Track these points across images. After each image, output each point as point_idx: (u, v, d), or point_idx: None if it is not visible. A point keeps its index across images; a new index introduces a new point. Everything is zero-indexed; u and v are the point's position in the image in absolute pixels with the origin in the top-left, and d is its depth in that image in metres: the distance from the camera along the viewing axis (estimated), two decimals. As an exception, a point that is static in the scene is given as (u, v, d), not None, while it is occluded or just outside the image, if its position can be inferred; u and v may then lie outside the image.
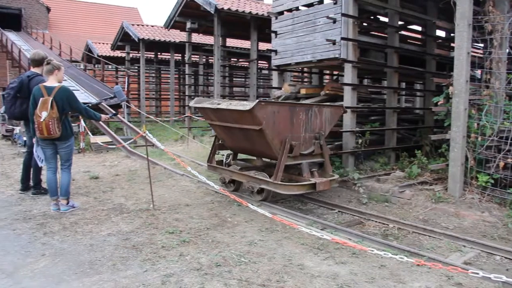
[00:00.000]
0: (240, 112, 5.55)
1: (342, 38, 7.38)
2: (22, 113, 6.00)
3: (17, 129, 12.61)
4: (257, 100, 5.45)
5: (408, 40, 9.82)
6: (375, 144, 8.29)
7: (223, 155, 7.10)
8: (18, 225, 4.83)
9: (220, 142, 6.80)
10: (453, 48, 6.65)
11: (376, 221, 5.25)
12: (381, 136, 8.49)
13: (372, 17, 9.67)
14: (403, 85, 12.10)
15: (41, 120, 5.08)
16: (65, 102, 5.27)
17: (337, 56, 7.58)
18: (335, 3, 7.57)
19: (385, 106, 8.62)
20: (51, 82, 5.35)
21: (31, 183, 6.36)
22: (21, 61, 21.07)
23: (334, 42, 7.54)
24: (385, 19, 9.04)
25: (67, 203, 5.47)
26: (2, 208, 5.55)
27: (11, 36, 27.35)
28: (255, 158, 6.89)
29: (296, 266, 3.68)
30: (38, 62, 6.10)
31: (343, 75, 8.46)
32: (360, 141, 7.54)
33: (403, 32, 9.34)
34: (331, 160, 7.53)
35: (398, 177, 6.87)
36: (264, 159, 6.69)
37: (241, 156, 7.08)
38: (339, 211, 5.75)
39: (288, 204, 6.05)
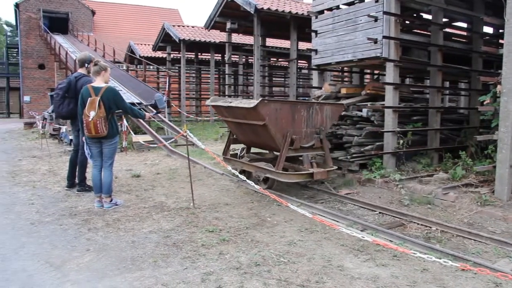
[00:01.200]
0: (247, 109, 6.21)
1: (384, 37, 7.26)
2: (70, 112, 6.26)
3: (63, 128, 13.12)
4: (260, 99, 6.18)
5: (453, 38, 9.53)
6: (417, 145, 8.10)
7: (237, 149, 7.83)
8: (64, 221, 5.04)
9: (234, 136, 7.44)
10: (501, 45, 6.40)
11: (418, 223, 5.13)
12: (424, 137, 8.28)
13: (415, 15, 9.44)
14: (447, 84, 11.75)
15: (89, 119, 5.28)
16: (111, 101, 5.47)
17: (378, 55, 7.46)
18: (376, 1, 7.45)
19: (428, 106, 8.40)
20: (98, 82, 5.56)
21: (77, 180, 6.61)
22: (68, 62, 21.91)
23: (375, 41, 7.43)
24: (429, 17, 8.81)
25: (110, 201, 5.65)
26: (50, 204, 5.81)
27: (59, 39, 28.50)
28: (267, 152, 7.50)
29: (335, 267, 3.66)
30: (82, 62, 6.42)
31: (384, 74, 8.32)
32: (401, 141, 7.39)
33: (447, 30, 9.08)
34: (372, 160, 7.45)
35: (441, 179, 6.68)
36: (275, 152, 7.24)
37: (255, 150, 7.70)
38: (380, 212, 5.65)
39: (328, 205, 6.01)
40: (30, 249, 4.15)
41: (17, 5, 33.64)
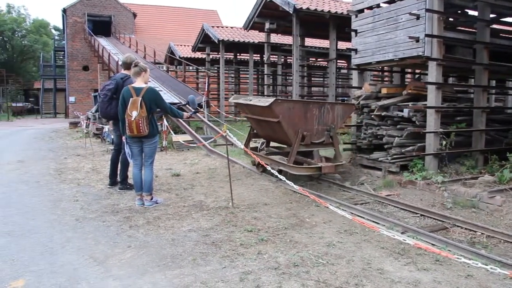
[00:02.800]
0: (263, 108, 6.89)
1: (426, 35, 7.07)
2: (117, 113, 6.32)
3: (106, 128, 13.51)
4: (275, 98, 6.92)
5: (501, 34, 9.16)
6: (461, 146, 7.84)
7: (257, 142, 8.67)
8: (107, 218, 5.19)
9: (254, 131, 8.15)
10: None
11: (462, 227, 4.97)
12: (468, 138, 8.00)
13: (459, 12, 9.15)
14: (493, 83, 11.32)
15: (132, 119, 5.40)
16: (152, 102, 5.61)
17: (420, 54, 7.28)
18: (418, -1, 7.27)
19: (473, 106, 8.12)
20: (139, 83, 5.69)
21: (118, 178, 6.79)
22: (110, 64, 22.56)
23: (417, 40, 7.25)
24: (474, 13, 8.52)
25: (151, 199, 5.77)
26: (93, 201, 6.00)
27: (102, 41, 29.39)
28: (285, 146, 7.97)
29: (375, 270, 3.60)
30: (128, 65, 6.50)
31: (426, 74, 8.11)
32: (444, 142, 7.18)
33: (495, 26, 8.74)
34: (413, 162, 7.27)
35: (487, 182, 6.43)
36: (290, 147, 7.58)
37: (275, 144, 8.36)
38: (421, 215, 5.52)
39: (368, 206, 5.91)
40: (76, 244, 4.30)
41: (64, 10, 35.03)
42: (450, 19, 8.99)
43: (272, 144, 8.42)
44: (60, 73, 41.49)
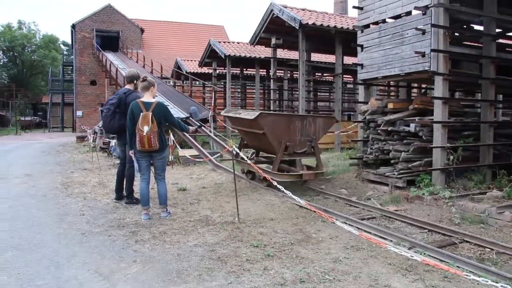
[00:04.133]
0: (250, 120, 7.46)
1: (432, 50, 7.09)
2: (120, 127, 6.39)
3: (112, 142, 13.57)
4: (259, 112, 7.54)
5: (507, 49, 9.16)
6: (468, 161, 7.78)
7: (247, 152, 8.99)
8: (113, 232, 5.19)
9: (244, 142, 8.70)
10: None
11: (471, 243, 4.90)
12: (475, 152, 7.95)
13: (465, 26, 9.18)
14: (500, 97, 11.28)
15: (144, 134, 5.46)
16: (162, 116, 5.70)
17: (426, 68, 7.29)
18: (424, 14, 7.30)
19: (480, 120, 8.08)
20: (147, 97, 5.75)
21: (124, 193, 6.79)
22: (118, 79, 22.77)
23: (423, 54, 7.27)
24: (480, 27, 8.53)
25: (166, 210, 5.87)
26: (99, 215, 6.00)
27: (110, 56, 29.73)
28: (274, 156, 8.18)
29: (382, 287, 3.56)
30: (130, 79, 6.66)
31: (432, 88, 8.10)
32: (451, 157, 7.13)
33: (501, 40, 8.74)
34: (420, 177, 7.23)
35: (496, 197, 6.37)
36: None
37: (264, 154, 8.83)
38: (429, 231, 5.46)
39: (375, 222, 5.87)
40: (81, 258, 4.30)
41: (73, 26, 35.54)
42: (456, 34, 9.00)
43: (262, 154, 9.00)
44: (68, 87, 41.96)
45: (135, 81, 6.53)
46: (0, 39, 53.69)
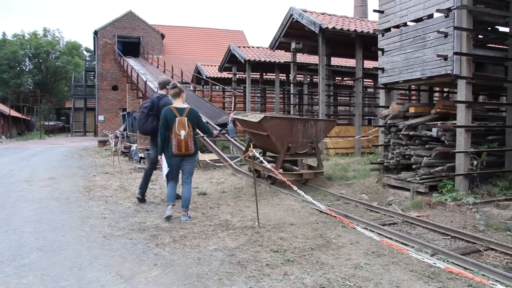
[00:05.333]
0: (255, 123, 8.03)
1: (455, 53, 6.97)
2: (153, 129, 6.72)
3: (133, 146, 13.73)
4: (264, 115, 8.11)
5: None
6: (493, 166, 7.62)
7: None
8: (134, 235, 5.24)
9: (252, 142, 9.07)
10: None
11: (496, 251, 4.78)
12: (501, 157, 7.78)
13: (489, 28, 9.01)
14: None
15: (181, 138, 5.72)
16: (194, 121, 5.97)
17: (449, 72, 7.17)
18: (446, 16, 7.20)
19: (505, 125, 7.91)
20: (179, 103, 6.02)
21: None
22: (138, 84, 23.03)
23: (445, 58, 7.16)
24: (506, 29, 8.37)
25: (187, 214, 6.00)
26: (121, 219, 6.07)
27: (131, 62, 30.16)
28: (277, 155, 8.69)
29: (405, 294, 3.50)
30: (163, 85, 7.15)
31: (455, 92, 7.97)
32: (475, 162, 6.99)
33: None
34: (443, 182, 7.10)
35: (522, 203, 6.22)
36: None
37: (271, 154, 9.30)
38: (452, 237, 5.34)
39: (396, 227, 5.78)
40: (103, 260, 4.35)
41: (96, 33, 36.22)
42: (480, 36, 8.85)
43: (269, 154, 9.55)
44: (90, 92, 42.72)
45: (167, 87, 6.84)
46: (26, 46, 55.13)
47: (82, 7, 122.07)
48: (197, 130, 6.19)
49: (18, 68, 55.83)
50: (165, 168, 5.99)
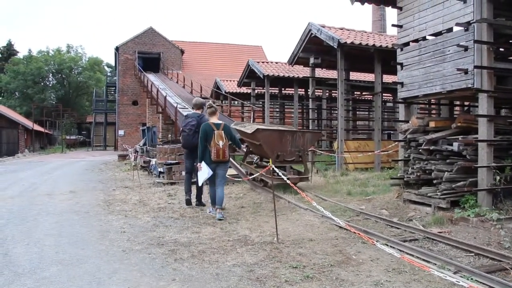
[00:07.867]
0: (250, 134, 9.28)
1: (476, 67, 6.89)
2: (196, 143, 7.57)
3: (153, 161, 13.84)
4: (256, 127, 9.36)
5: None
6: (517, 181, 7.44)
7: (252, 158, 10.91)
8: (152, 250, 5.26)
9: (250, 149, 10.31)
10: None
11: (521, 269, 4.64)
12: (525, 173, 7.60)
13: (510, 41, 8.89)
14: (550, 115, 10.80)
15: (220, 147, 6.98)
16: (228, 134, 7.27)
17: (469, 86, 7.08)
18: (466, 30, 7.13)
19: (529, 139, 7.74)
20: (214, 119, 7.36)
21: (194, 198, 8.22)
22: (158, 99, 23.28)
23: (466, 71, 7.08)
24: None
25: (221, 212, 7.04)
26: (140, 233, 6.11)
27: (151, 77, 30.58)
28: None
29: (427, 313, 3.41)
30: (199, 106, 8.43)
31: (476, 106, 7.85)
32: (498, 177, 6.85)
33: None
34: (465, 198, 6.97)
35: (548, 220, 6.04)
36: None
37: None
38: (476, 254, 5.21)
39: (417, 244, 5.67)
40: (122, 275, 4.37)
41: (117, 48, 36.96)
42: (501, 49, 8.74)
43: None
44: (111, 107, 43.41)
45: (203, 107, 8.26)
46: (50, 62, 56.56)
47: (105, 24, 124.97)
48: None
49: (42, 84, 57.20)
50: (200, 176, 7.12)
